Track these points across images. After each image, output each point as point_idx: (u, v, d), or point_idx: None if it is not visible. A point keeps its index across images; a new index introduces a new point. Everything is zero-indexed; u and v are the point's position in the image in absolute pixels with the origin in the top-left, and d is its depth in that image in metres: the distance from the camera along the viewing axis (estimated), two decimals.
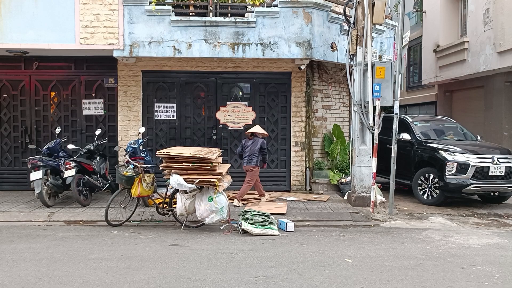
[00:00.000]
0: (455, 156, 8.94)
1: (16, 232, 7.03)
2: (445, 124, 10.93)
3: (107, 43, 9.16)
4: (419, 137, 9.95)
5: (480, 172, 8.82)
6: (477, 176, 8.80)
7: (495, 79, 13.32)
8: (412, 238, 6.85)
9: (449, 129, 10.64)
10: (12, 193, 9.85)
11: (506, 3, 12.06)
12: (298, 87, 10.41)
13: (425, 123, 10.65)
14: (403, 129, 10.10)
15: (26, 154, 10.06)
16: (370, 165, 8.66)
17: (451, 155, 8.98)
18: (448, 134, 10.38)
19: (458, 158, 8.91)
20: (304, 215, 8.07)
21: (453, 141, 9.93)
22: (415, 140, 9.93)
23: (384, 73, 8.38)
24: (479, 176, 8.82)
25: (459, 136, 10.43)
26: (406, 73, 19.92)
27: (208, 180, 6.83)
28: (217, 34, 9.28)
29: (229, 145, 10.37)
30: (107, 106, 10.47)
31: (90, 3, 9.07)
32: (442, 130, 10.60)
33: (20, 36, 9.00)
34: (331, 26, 10.12)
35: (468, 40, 13.95)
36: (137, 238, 6.73)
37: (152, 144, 10.22)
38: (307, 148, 10.47)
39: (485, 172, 8.83)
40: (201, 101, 10.49)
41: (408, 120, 10.49)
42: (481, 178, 8.83)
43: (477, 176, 8.80)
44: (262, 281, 4.82)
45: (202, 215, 6.89)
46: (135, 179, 7.32)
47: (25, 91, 10.46)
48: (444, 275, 5.10)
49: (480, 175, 8.82)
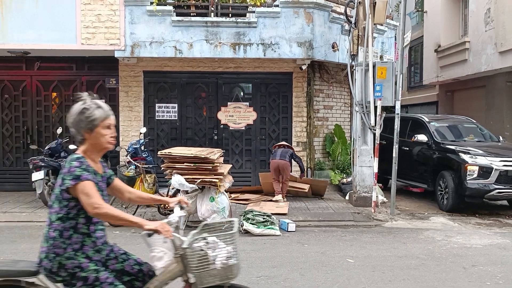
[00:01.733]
0: (476, 159, 8.30)
1: (18, 232, 7.04)
2: (464, 124, 10.28)
3: (109, 43, 9.17)
4: (436, 138, 9.32)
5: (505, 176, 8.17)
6: (501, 181, 8.14)
7: (496, 79, 13.30)
8: (413, 238, 6.84)
9: (468, 129, 10.01)
10: (13, 194, 9.85)
11: (507, 2, 12.04)
12: (299, 87, 10.41)
13: (443, 123, 10.04)
14: (419, 130, 9.70)
15: (28, 155, 10.06)
16: (371, 165, 8.65)
17: (472, 158, 8.33)
18: (468, 135, 9.74)
19: (480, 161, 8.27)
20: (306, 215, 8.06)
21: (473, 143, 9.27)
22: (432, 141, 9.32)
23: (386, 73, 8.37)
24: (504, 180, 8.17)
25: (479, 137, 9.79)
26: (407, 73, 19.92)
27: (210, 180, 6.83)
28: (218, 34, 9.28)
29: (230, 145, 10.37)
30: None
31: (91, 4, 9.08)
32: (461, 130, 9.98)
33: (21, 36, 9.01)
34: (332, 26, 10.11)
35: (469, 40, 13.93)
36: (138, 239, 6.70)
37: (154, 145, 10.23)
38: (308, 148, 10.46)
39: (510, 176, 8.20)
40: (202, 101, 10.50)
41: (425, 120, 9.91)
42: (506, 182, 8.18)
43: (501, 180, 8.14)
44: (264, 281, 4.82)
45: (204, 215, 6.89)
46: (137, 179, 7.34)
47: (27, 91, 10.48)
48: (446, 275, 5.09)
49: (505, 180, 8.17)
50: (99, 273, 2.54)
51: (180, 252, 2.67)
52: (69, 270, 2.52)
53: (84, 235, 2.58)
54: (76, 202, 2.53)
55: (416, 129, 9.86)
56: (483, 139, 9.75)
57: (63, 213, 2.55)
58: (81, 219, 2.57)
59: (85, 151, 2.64)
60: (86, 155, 2.62)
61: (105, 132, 2.64)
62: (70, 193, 2.52)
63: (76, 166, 2.52)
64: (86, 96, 2.69)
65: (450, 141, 9.33)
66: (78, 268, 2.52)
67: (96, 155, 2.68)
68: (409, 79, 20.20)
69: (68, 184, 2.49)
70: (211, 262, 2.61)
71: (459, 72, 14.55)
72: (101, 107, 2.67)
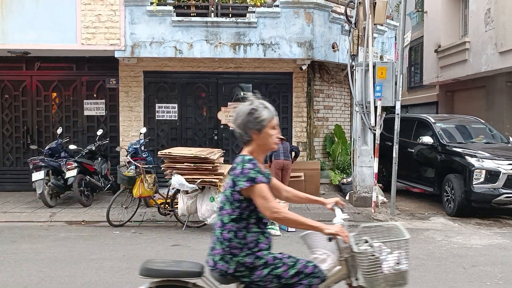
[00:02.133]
0: (483, 163, 8.00)
1: (18, 232, 7.03)
2: (472, 124, 9.93)
3: (109, 43, 9.17)
4: (442, 140, 9.02)
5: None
6: (509, 185, 7.81)
7: (496, 79, 13.30)
8: (413, 238, 6.83)
9: (477, 130, 9.69)
10: (14, 194, 9.85)
11: (508, 3, 12.04)
12: (299, 88, 10.41)
13: (449, 124, 9.69)
14: (424, 131, 9.46)
15: (28, 155, 10.06)
16: (371, 166, 8.65)
17: (478, 162, 8.03)
18: (477, 136, 9.39)
19: (487, 164, 7.96)
20: (306, 215, 8.05)
21: (481, 145, 8.95)
22: (438, 143, 9.02)
23: (386, 73, 8.38)
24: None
25: (488, 138, 9.44)
26: (407, 73, 19.92)
27: (210, 180, 6.83)
28: (218, 35, 9.28)
29: (231, 145, 10.37)
30: (109, 106, 10.48)
31: (92, 4, 9.08)
32: (469, 131, 9.64)
33: (22, 37, 9.01)
34: (332, 26, 10.11)
35: (470, 40, 13.93)
36: (138, 239, 6.73)
37: (154, 145, 10.22)
38: (308, 148, 10.46)
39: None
40: (202, 101, 10.50)
41: (430, 121, 9.61)
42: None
43: (509, 184, 7.81)
44: None
45: (204, 215, 6.89)
46: (137, 179, 7.32)
47: (27, 91, 10.48)
48: (446, 275, 5.09)
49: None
50: (275, 254, 2.59)
51: (346, 256, 2.65)
52: (248, 265, 2.54)
53: (258, 233, 2.61)
54: (248, 203, 2.55)
55: (422, 130, 9.63)
56: (492, 140, 9.41)
57: (236, 214, 2.56)
58: (252, 219, 2.59)
59: (251, 151, 2.64)
60: (253, 155, 2.62)
61: (272, 132, 2.64)
62: (241, 194, 2.53)
63: (250, 168, 2.52)
64: (253, 96, 2.69)
65: (457, 143, 9.00)
66: (257, 259, 2.54)
67: (261, 156, 2.69)
68: (409, 79, 20.21)
69: (243, 185, 2.49)
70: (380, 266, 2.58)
71: (459, 72, 14.56)
72: (267, 107, 2.66)
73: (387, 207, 8.70)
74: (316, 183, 9.62)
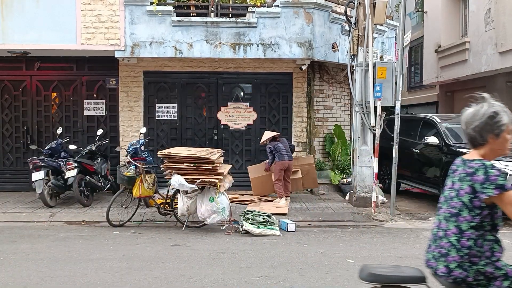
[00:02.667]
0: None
1: (18, 232, 7.04)
2: None
3: (109, 43, 9.17)
4: (447, 140, 8.79)
5: None
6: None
7: (496, 79, 13.30)
8: (413, 238, 6.84)
9: None
10: (13, 194, 9.85)
11: (508, 3, 12.04)
12: (299, 88, 10.41)
13: (456, 124, 9.27)
14: (430, 132, 9.27)
15: (28, 155, 10.06)
16: (371, 166, 8.65)
17: None
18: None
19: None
20: (305, 215, 8.07)
21: None
22: (444, 144, 8.79)
23: (386, 73, 8.38)
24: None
25: None
26: (407, 74, 19.91)
27: (210, 181, 6.83)
28: (218, 35, 9.28)
29: (230, 145, 10.37)
30: (109, 106, 10.48)
31: (91, 4, 9.08)
32: None
33: (22, 37, 9.01)
34: (332, 26, 10.11)
35: (470, 41, 13.92)
36: (138, 239, 6.73)
37: (153, 145, 10.23)
38: (308, 148, 10.46)
39: None
40: (202, 101, 10.50)
41: (436, 121, 9.40)
42: None
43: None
44: (263, 282, 4.82)
45: (204, 215, 6.89)
46: (137, 179, 7.32)
47: (27, 91, 10.48)
48: None
49: None
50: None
51: None
52: (488, 275, 2.47)
53: (492, 242, 2.53)
54: (490, 210, 2.46)
55: (427, 130, 9.51)
56: None
57: (477, 222, 2.49)
58: (488, 227, 2.51)
59: (484, 155, 2.54)
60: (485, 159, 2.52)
61: (509, 137, 2.54)
62: (483, 201, 2.45)
63: (497, 175, 2.42)
64: (491, 99, 2.59)
65: (463, 143, 8.66)
66: (497, 269, 2.47)
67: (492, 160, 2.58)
68: (409, 79, 20.20)
69: (491, 193, 2.40)
70: None
71: (459, 73, 14.55)
72: (506, 111, 2.55)
73: (387, 207, 8.70)
74: (313, 176, 9.63)
